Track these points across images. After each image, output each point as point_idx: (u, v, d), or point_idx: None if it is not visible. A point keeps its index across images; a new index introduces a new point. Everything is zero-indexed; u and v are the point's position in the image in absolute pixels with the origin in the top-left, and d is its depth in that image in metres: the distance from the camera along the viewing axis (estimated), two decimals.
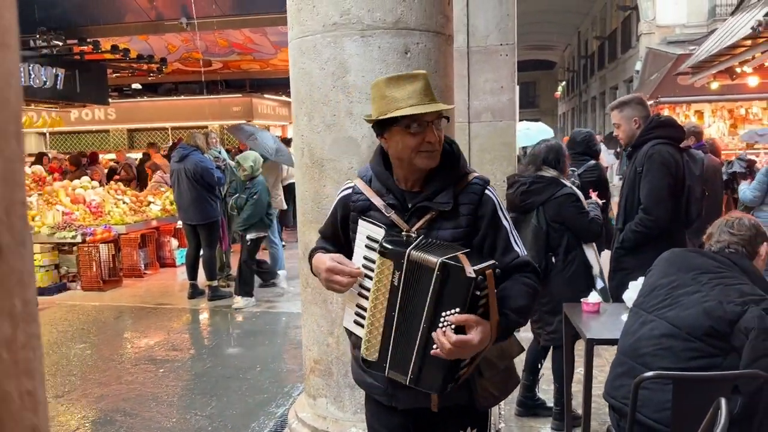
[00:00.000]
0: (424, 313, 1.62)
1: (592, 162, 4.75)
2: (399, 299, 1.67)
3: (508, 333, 1.71)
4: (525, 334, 4.75)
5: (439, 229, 1.74)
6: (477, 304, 1.59)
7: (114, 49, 9.11)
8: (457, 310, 1.57)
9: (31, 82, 8.69)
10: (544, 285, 3.61)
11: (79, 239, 7.82)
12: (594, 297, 3.19)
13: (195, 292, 7.27)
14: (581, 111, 29.88)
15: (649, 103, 11.81)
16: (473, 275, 1.53)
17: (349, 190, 1.89)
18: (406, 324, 1.67)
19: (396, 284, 1.66)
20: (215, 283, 7.22)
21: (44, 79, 8.93)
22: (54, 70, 9.16)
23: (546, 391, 3.99)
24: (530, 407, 3.89)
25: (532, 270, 1.77)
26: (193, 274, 7.28)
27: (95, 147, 16.54)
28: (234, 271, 8.17)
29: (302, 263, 2.98)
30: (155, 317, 6.61)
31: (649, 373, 2.11)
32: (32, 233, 7.53)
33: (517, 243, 1.78)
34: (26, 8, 8.63)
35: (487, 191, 1.77)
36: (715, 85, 9.06)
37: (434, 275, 1.58)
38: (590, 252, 3.74)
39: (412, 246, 1.65)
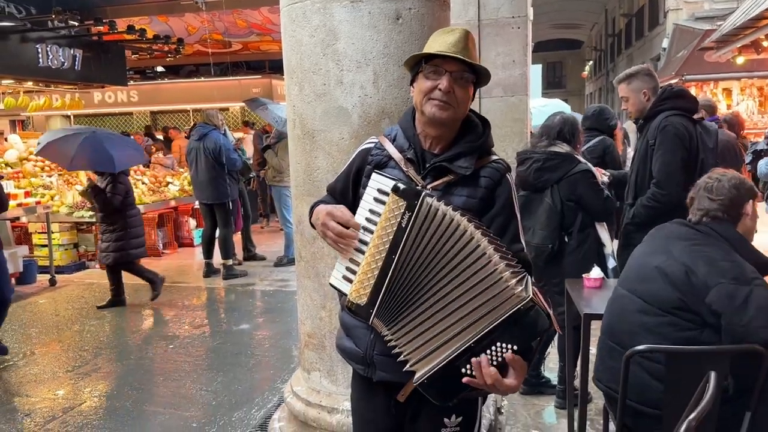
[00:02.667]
0: (436, 277, 1.51)
1: (600, 137, 4.60)
2: (404, 243, 1.53)
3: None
4: None
5: (453, 194, 1.68)
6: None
7: (130, 29, 9.12)
8: (515, 348, 1.45)
9: (49, 63, 8.76)
10: (556, 265, 3.55)
11: (97, 219, 7.90)
12: (596, 272, 3.11)
13: (210, 271, 7.33)
14: (609, 91, 29.26)
15: (674, 80, 11.50)
16: (548, 325, 1.45)
17: (371, 144, 1.84)
18: (404, 272, 1.54)
19: (404, 226, 1.53)
20: (230, 262, 7.25)
21: (62, 60, 8.99)
22: (72, 51, 9.21)
23: (552, 369, 3.92)
24: (535, 385, 3.83)
25: (531, 270, 1.69)
26: (208, 253, 7.33)
27: (118, 129, 16.71)
28: (259, 249, 8.28)
29: (296, 236, 2.95)
30: (170, 295, 6.67)
31: (641, 347, 2.04)
32: (51, 213, 7.66)
33: (522, 235, 1.74)
34: None
35: (507, 176, 1.74)
36: (740, 60, 8.74)
37: (513, 307, 1.45)
38: (603, 231, 3.63)
39: (427, 193, 1.56)
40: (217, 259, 7.33)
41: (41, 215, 7.56)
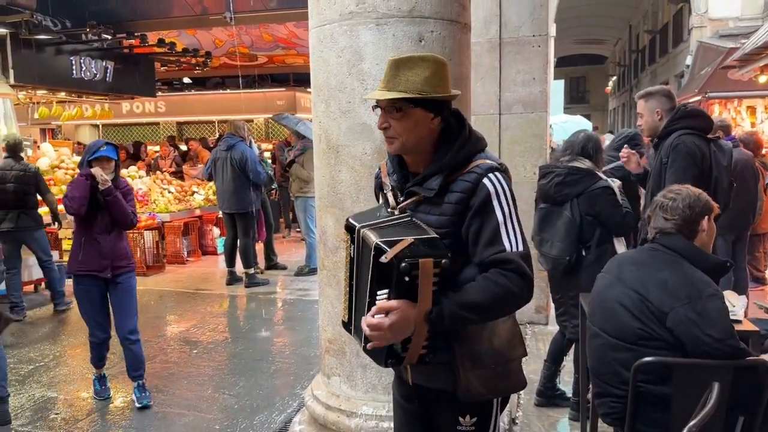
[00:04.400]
0: (367, 287, 1.65)
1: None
2: (354, 269, 1.76)
3: (444, 324, 1.61)
4: (552, 327, 4.76)
5: (425, 213, 1.75)
6: (408, 289, 1.57)
7: (160, 42, 9.41)
8: (386, 292, 1.60)
9: (82, 75, 9.07)
10: (573, 278, 3.63)
11: None
12: None
13: (233, 279, 7.49)
14: (632, 106, 29.13)
15: (697, 98, 11.48)
16: (386, 260, 1.55)
17: (378, 170, 2.00)
18: (359, 293, 1.76)
19: (352, 256, 1.76)
20: (252, 270, 7.41)
21: (95, 72, 9.30)
22: (104, 63, 9.53)
23: (568, 382, 3.98)
24: (550, 397, 3.89)
25: (516, 269, 1.64)
26: (230, 262, 7.50)
27: (145, 138, 17.08)
28: (280, 259, 8.44)
29: (319, 246, 3.08)
30: (194, 302, 6.84)
31: (648, 359, 2.12)
32: None
33: (509, 236, 1.67)
34: (79, 3, 9.01)
35: (485, 179, 1.69)
36: (763, 79, 8.73)
37: (371, 254, 1.61)
38: (621, 246, 3.70)
39: (371, 223, 1.71)
40: (240, 267, 7.49)
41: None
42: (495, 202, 1.68)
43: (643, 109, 3.72)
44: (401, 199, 1.81)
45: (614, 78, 36.38)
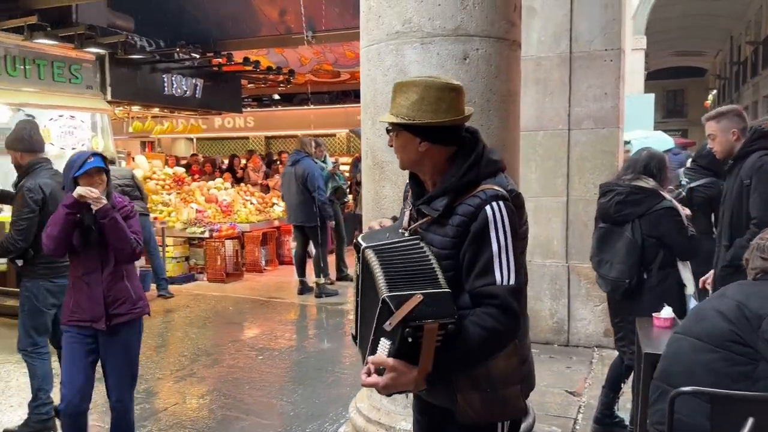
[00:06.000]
0: (374, 323, 1.65)
1: (712, 179, 4.46)
2: (360, 287, 1.82)
3: (442, 380, 1.67)
4: (611, 351, 4.58)
5: (432, 233, 1.76)
6: (410, 350, 1.58)
7: (246, 61, 9.88)
8: (389, 344, 1.59)
9: (173, 91, 9.66)
10: (633, 301, 3.50)
11: (207, 235, 8.56)
12: (667, 312, 3.05)
13: (304, 289, 7.69)
14: None
15: None
16: (389, 328, 1.56)
17: (407, 184, 2.04)
18: (362, 311, 1.82)
19: (358, 273, 1.81)
20: (323, 281, 7.58)
21: (185, 89, 9.89)
22: (194, 81, 10.11)
23: (628, 410, 3.82)
24: (607, 425, 3.75)
25: (499, 305, 1.64)
26: (301, 272, 7.72)
27: (236, 152, 17.87)
28: (351, 270, 8.59)
29: None
30: (266, 309, 7.09)
31: (686, 388, 2.02)
32: (167, 227, 8.37)
33: (502, 268, 1.66)
34: (174, 25, 9.62)
35: (487, 206, 1.68)
36: None
37: (378, 303, 1.60)
38: (685, 270, 3.54)
39: (376, 245, 1.73)
40: (311, 277, 7.69)
41: (158, 229, 8.28)
42: (492, 232, 1.67)
43: (715, 130, 3.56)
44: (416, 217, 1.84)
45: (714, 91, 34.54)
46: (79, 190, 2.98)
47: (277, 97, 17.53)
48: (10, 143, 3.84)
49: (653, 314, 3.08)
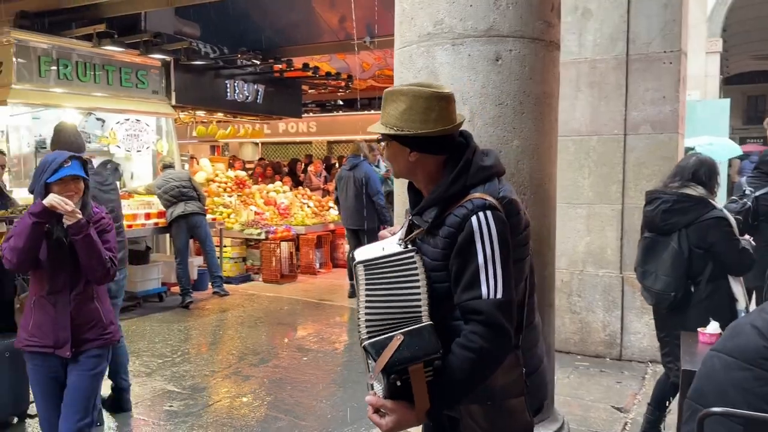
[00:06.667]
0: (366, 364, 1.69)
1: None
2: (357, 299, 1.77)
3: (446, 408, 1.67)
4: (656, 368, 4.35)
5: (426, 244, 1.72)
6: (402, 391, 1.58)
7: (305, 66, 10.04)
8: (379, 387, 1.61)
9: (236, 97, 9.93)
10: (680, 315, 3.32)
11: (263, 236, 8.73)
12: (713, 327, 2.87)
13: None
14: None
15: None
16: (371, 381, 1.60)
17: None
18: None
19: (356, 285, 1.76)
20: None
21: (247, 94, 10.15)
22: (255, 86, 10.36)
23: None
24: None
25: (484, 321, 1.59)
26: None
27: (299, 156, 18.19)
28: None
29: None
30: (316, 311, 7.15)
31: (716, 409, 1.88)
32: (225, 228, 8.60)
33: (488, 281, 1.60)
34: (238, 32, 9.89)
35: (473, 217, 1.62)
36: None
37: (362, 348, 1.63)
38: (737, 284, 3.33)
39: (367, 259, 1.71)
40: None
41: (216, 230, 8.51)
42: (478, 244, 1.61)
43: None
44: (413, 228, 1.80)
45: None
46: (51, 199, 2.58)
47: (340, 102, 17.74)
48: (52, 147, 4.03)
49: (698, 329, 2.91)
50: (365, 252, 1.76)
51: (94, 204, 2.88)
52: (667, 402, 3.56)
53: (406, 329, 1.58)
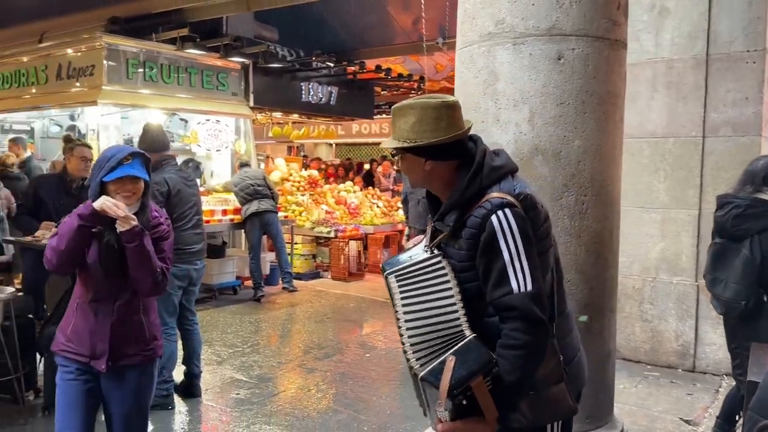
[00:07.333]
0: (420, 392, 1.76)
1: None
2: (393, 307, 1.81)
3: (511, 410, 1.70)
4: (756, 379, 4.14)
5: (451, 247, 1.76)
6: (468, 408, 1.62)
7: (377, 68, 10.18)
8: (446, 414, 1.64)
9: (310, 99, 10.20)
10: (751, 325, 3.17)
11: (332, 234, 8.91)
12: None
13: None
14: None
15: None
16: (441, 408, 1.60)
17: None
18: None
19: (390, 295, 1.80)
20: None
21: (321, 96, 10.40)
22: (329, 88, 10.60)
23: None
24: None
25: (519, 316, 1.63)
26: None
27: (369, 157, 18.40)
28: None
29: None
30: (381, 310, 7.23)
31: None
32: (296, 226, 8.83)
33: (517, 276, 1.63)
34: (315, 35, 10.15)
35: (493, 216, 1.66)
36: None
37: (419, 383, 1.71)
38: None
39: (397, 269, 1.75)
40: None
41: (288, 227, 8.75)
42: (501, 241, 1.65)
43: None
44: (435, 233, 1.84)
45: None
46: (102, 203, 2.32)
47: None
48: (139, 145, 4.29)
49: None
50: (394, 262, 1.80)
51: (154, 207, 2.60)
52: (737, 416, 3.40)
53: (455, 349, 1.64)
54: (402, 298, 1.71)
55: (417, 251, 1.81)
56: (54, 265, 2.43)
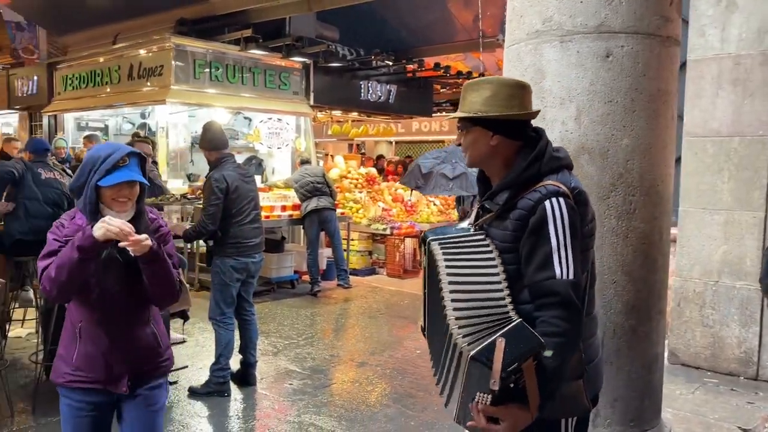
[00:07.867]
0: (440, 311, 1.69)
1: None
2: (426, 280, 1.85)
3: (551, 399, 1.64)
4: None
5: (495, 228, 1.78)
6: (514, 393, 1.57)
7: (436, 66, 10.19)
8: (489, 398, 1.57)
9: (369, 97, 10.32)
10: None
11: (388, 232, 9.00)
12: None
13: None
14: None
15: None
16: (496, 387, 1.52)
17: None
18: (430, 304, 1.84)
19: (424, 265, 1.85)
20: None
21: (379, 94, 10.52)
22: (388, 87, 10.70)
23: None
24: None
25: (561, 302, 1.62)
26: None
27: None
28: None
29: None
30: None
31: None
32: (353, 223, 8.97)
33: (561, 263, 1.64)
34: (376, 33, 10.26)
35: (546, 201, 1.68)
36: None
37: (459, 355, 1.62)
38: None
39: (441, 237, 1.77)
40: None
41: (345, 224, 8.90)
42: (551, 227, 1.66)
43: None
44: (481, 214, 1.87)
45: None
46: (105, 230, 2.00)
47: None
48: (200, 143, 4.46)
49: None
50: (438, 231, 1.85)
51: (148, 209, 2.31)
52: None
53: (504, 331, 1.59)
54: (447, 266, 1.69)
55: (462, 225, 1.87)
56: (54, 296, 2.14)
